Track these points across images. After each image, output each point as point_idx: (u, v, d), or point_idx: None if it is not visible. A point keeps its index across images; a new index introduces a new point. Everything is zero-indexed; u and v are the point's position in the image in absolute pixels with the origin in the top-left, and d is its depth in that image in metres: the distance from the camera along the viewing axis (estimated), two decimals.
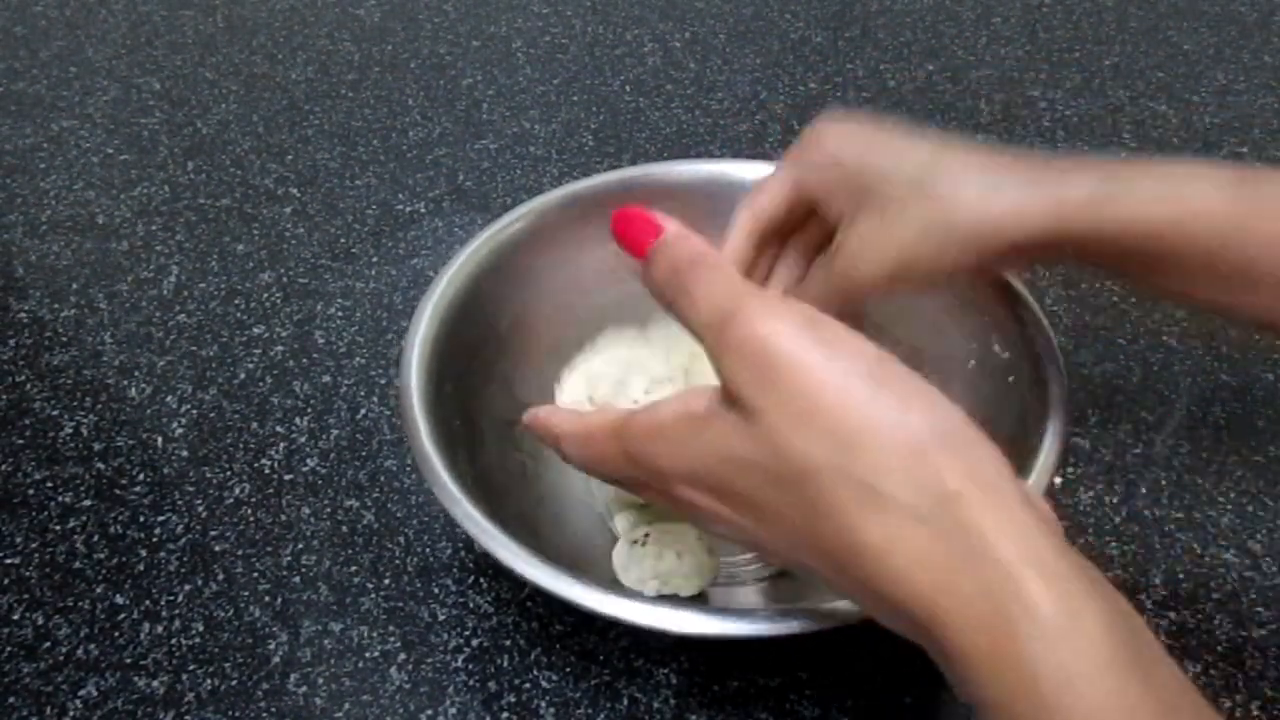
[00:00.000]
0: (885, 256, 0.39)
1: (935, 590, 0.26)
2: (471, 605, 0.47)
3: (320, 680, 0.45)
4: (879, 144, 0.40)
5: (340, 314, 0.61)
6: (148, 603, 0.48)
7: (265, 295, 0.63)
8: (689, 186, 0.54)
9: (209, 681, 0.45)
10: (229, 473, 0.53)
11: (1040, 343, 0.45)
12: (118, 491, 0.52)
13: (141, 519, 0.51)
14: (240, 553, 0.50)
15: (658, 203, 0.48)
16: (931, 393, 0.28)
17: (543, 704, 0.44)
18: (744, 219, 0.43)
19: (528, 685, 0.45)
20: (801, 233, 0.44)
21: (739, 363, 0.28)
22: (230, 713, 0.44)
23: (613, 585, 0.41)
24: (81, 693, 0.45)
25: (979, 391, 0.47)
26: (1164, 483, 0.52)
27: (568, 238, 0.51)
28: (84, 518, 0.51)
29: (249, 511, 0.51)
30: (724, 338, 0.28)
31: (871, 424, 0.26)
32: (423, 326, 0.46)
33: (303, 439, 0.54)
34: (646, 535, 0.45)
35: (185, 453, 0.54)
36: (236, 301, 0.62)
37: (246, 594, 0.48)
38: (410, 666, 0.45)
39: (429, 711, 0.44)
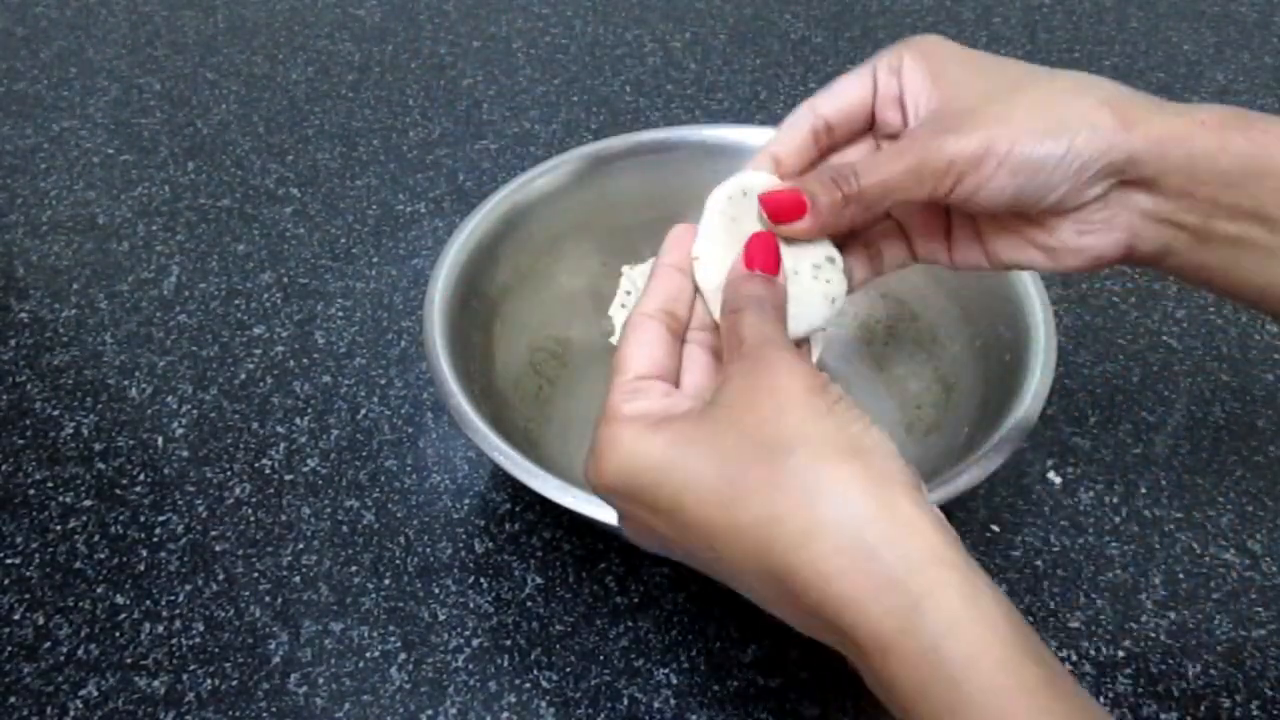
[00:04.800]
0: (992, 134, 0.33)
1: (846, 579, 0.27)
2: (471, 605, 0.47)
3: (321, 680, 0.45)
4: (980, 55, 0.37)
5: (340, 314, 0.61)
6: (148, 603, 0.48)
7: (265, 295, 0.63)
8: (693, 152, 0.57)
9: (209, 681, 0.45)
10: (229, 473, 0.53)
11: (1040, 324, 0.46)
12: (118, 491, 0.52)
13: (142, 519, 0.51)
14: (240, 553, 0.50)
15: (671, 163, 0.56)
16: (857, 411, 0.30)
17: (543, 704, 0.44)
18: (803, 113, 0.39)
19: (528, 685, 0.45)
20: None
21: (737, 376, 0.31)
22: (231, 713, 0.44)
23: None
24: (82, 693, 0.45)
25: (982, 368, 0.49)
26: (1164, 483, 0.52)
27: (581, 198, 0.56)
28: (84, 518, 0.51)
29: (249, 511, 0.51)
30: (741, 357, 0.32)
31: (808, 435, 0.29)
32: (450, 253, 0.50)
33: (303, 439, 0.54)
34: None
35: (185, 453, 0.54)
36: (237, 302, 0.62)
37: (247, 594, 0.48)
38: (410, 666, 0.45)
39: (429, 711, 0.44)
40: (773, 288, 0.34)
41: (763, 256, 0.35)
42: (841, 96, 0.38)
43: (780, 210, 0.35)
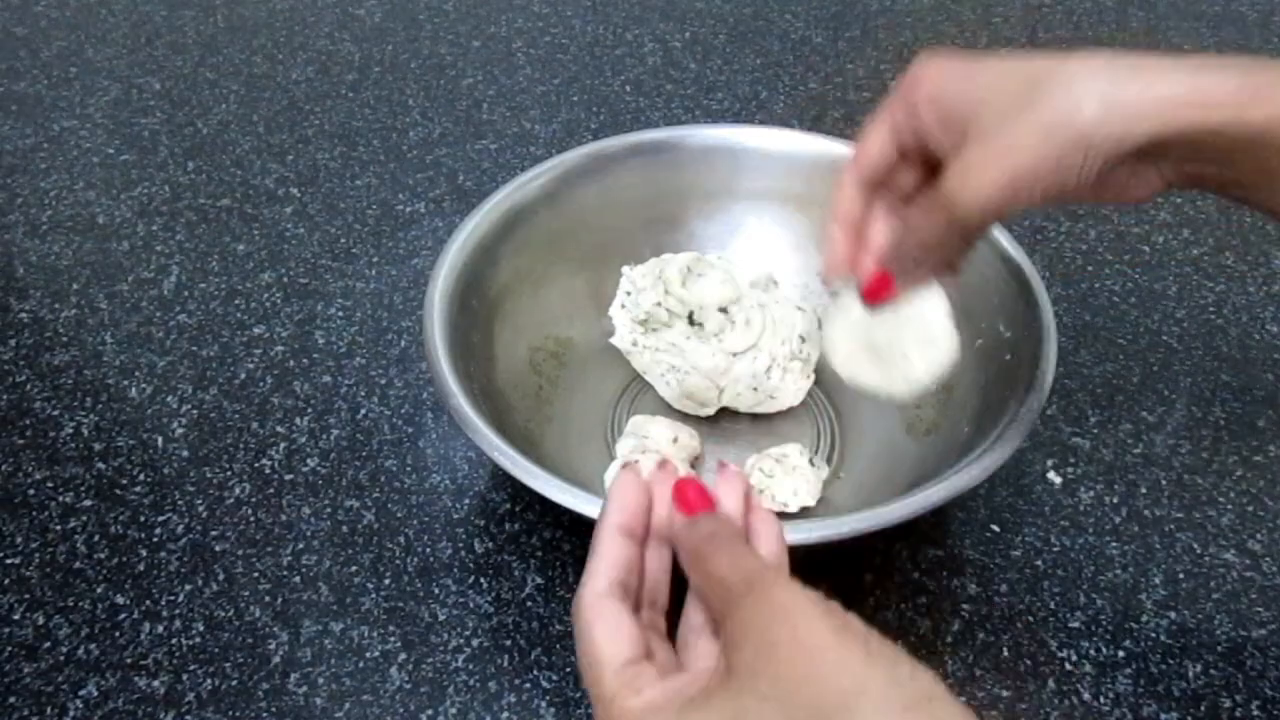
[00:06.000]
0: (998, 171, 0.35)
1: None
2: (471, 605, 0.47)
3: (320, 680, 0.45)
4: (981, 68, 0.36)
5: (340, 314, 0.61)
6: (148, 603, 0.48)
7: (265, 295, 0.63)
8: (693, 152, 0.57)
9: (209, 681, 0.45)
10: (229, 473, 0.53)
11: (1040, 323, 0.47)
12: (118, 491, 0.52)
13: (142, 519, 0.51)
14: (240, 553, 0.50)
15: (671, 163, 0.57)
16: (907, 668, 0.27)
17: (543, 704, 0.44)
18: (849, 174, 0.41)
19: (528, 685, 0.45)
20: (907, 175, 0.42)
21: (744, 633, 0.28)
22: (231, 713, 0.44)
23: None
24: (82, 693, 0.45)
25: (984, 368, 0.49)
26: (1164, 483, 0.52)
27: (581, 198, 0.56)
28: (84, 518, 0.51)
29: (249, 511, 0.51)
30: (737, 608, 0.29)
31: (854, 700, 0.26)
32: (450, 254, 0.51)
33: (303, 439, 0.54)
34: (637, 461, 0.48)
35: (185, 453, 0.54)
36: (237, 301, 0.62)
37: (247, 594, 0.48)
38: (410, 666, 0.45)
39: (429, 711, 0.44)
40: (726, 519, 0.32)
41: (696, 496, 0.33)
42: (866, 155, 0.40)
43: (876, 291, 0.40)
